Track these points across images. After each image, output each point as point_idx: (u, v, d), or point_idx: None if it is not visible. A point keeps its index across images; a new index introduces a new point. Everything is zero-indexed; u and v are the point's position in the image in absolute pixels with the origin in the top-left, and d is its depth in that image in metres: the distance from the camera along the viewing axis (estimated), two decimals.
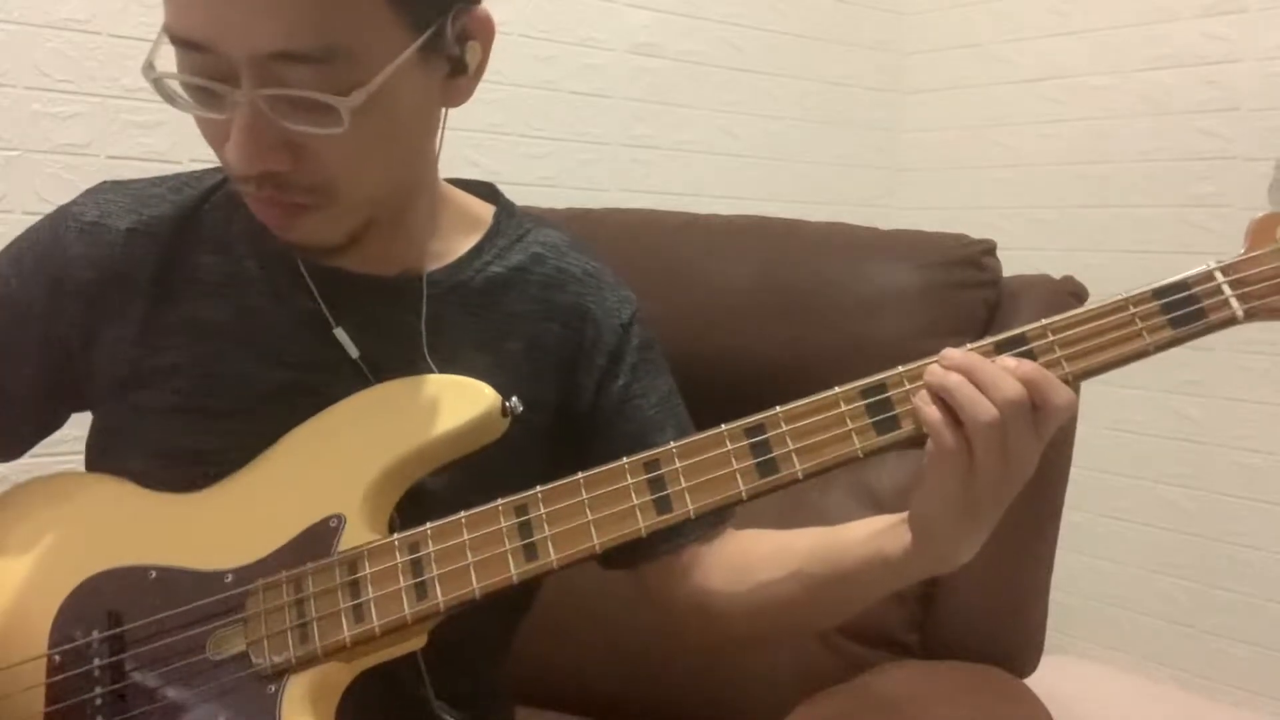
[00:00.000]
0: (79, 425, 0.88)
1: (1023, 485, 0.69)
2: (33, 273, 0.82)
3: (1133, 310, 0.69)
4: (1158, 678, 2.10)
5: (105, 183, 0.85)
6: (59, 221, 0.82)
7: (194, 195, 0.84)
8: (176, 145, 1.56)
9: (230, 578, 0.74)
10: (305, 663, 0.71)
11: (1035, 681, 1.13)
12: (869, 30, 2.39)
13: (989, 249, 1.24)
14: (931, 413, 0.67)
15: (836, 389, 0.70)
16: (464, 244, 0.85)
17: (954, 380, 0.66)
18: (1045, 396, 0.66)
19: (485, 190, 0.91)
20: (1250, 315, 0.68)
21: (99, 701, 0.73)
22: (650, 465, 0.71)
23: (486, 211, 0.88)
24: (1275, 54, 1.93)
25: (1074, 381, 0.69)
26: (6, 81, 1.45)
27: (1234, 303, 0.68)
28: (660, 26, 2.08)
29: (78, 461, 0.86)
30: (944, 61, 2.41)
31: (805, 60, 2.29)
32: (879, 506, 1.17)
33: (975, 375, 0.66)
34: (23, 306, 0.82)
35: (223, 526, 0.77)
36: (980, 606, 1.17)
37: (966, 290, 1.22)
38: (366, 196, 0.74)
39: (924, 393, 0.68)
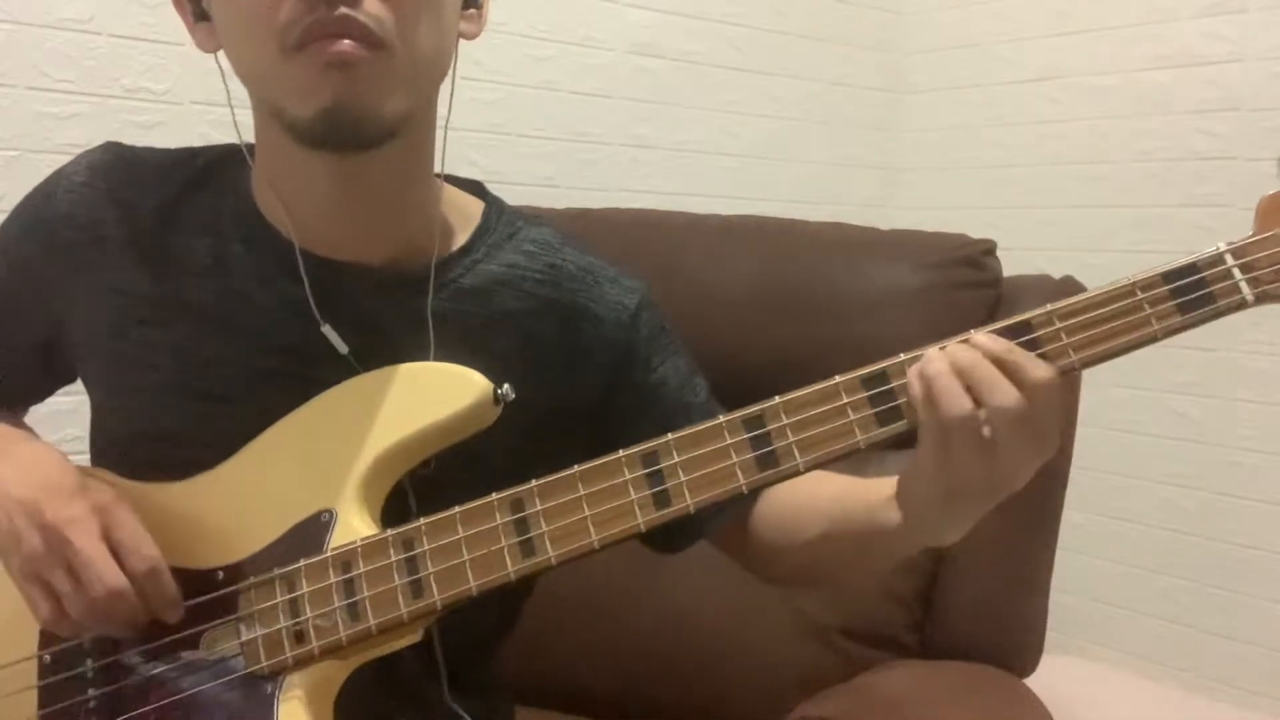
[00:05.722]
0: (81, 425, 0.87)
1: (1014, 488, 0.68)
2: (30, 229, 0.84)
3: (1140, 295, 0.67)
4: (1158, 678, 2.10)
5: (109, 144, 0.86)
6: (54, 181, 0.84)
7: (190, 172, 0.85)
8: (176, 145, 1.56)
9: (221, 575, 0.73)
10: (301, 662, 0.71)
11: (1035, 681, 1.13)
12: (869, 30, 2.39)
13: (989, 249, 1.24)
14: (915, 391, 0.67)
15: (837, 378, 0.69)
16: (455, 241, 0.85)
17: (933, 369, 0.66)
18: (1021, 374, 0.65)
19: (474, 188, 0.90)
20: (1260, 299, 0.67)
21: (93, 704, 0.72)
22: (648, 459, 0.70)
23: (476, 208, 0.88)
24: (1275, 54, 1.93)
25: (1080, 369, 0.68)
26: (6, 81, 1.45)
27: (1243, 286, 0.66)
28: (660, 26, 2.08)
29: (79, 459, 0.85)
30: (943, 61, 2.41)
31: (805, 60, 2.29)
32: None
33: (957, 363, 0.66)
34: (21, 263, 0.84)
35: (212, 521, 0.76)
36: (980, 607, 1.17)
37: (966, 290, 1.22)
38: (411, 62, 0.73)
39: (913, 370, 0.68)
